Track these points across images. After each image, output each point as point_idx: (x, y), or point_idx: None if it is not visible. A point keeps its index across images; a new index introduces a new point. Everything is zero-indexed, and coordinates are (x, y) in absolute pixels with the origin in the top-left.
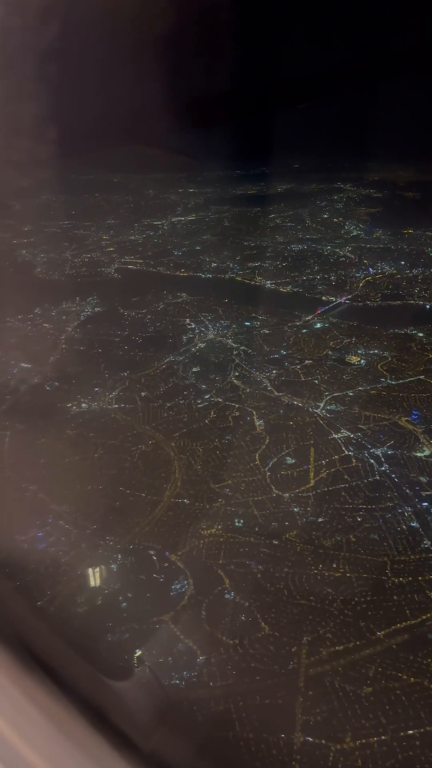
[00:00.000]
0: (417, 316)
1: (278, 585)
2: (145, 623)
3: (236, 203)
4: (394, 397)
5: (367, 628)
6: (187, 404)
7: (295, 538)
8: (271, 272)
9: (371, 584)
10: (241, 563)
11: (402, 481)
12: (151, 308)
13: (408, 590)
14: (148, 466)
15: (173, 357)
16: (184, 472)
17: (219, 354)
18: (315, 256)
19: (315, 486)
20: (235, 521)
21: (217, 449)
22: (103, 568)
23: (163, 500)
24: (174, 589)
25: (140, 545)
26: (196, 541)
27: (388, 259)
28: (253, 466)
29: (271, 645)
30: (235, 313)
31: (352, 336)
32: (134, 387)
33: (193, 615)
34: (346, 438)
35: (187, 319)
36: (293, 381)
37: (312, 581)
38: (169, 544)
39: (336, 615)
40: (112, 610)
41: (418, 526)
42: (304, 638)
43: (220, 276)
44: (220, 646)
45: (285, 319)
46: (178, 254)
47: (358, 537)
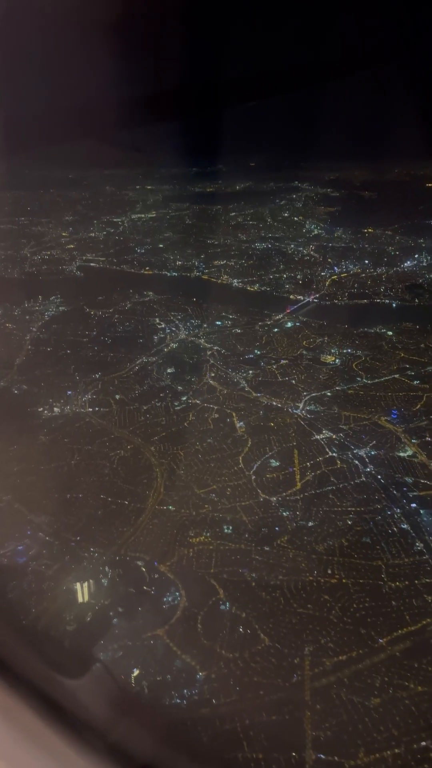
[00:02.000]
0: (384, 314)
1: (274, 593)
2: (138, 639)
3: (196, 201)
4: (371, 396)
5: (368, 636)
6: (164, 407)
7: (287, 544)
8: (237, 271)
9: (368, 590)
10: (234, 572)
11: (388, 481)
12: (118, 307)
13: (406, 595)
14: (129, 472)
15: (146, 358)
16: (166, 477)
17: (193, 354)
18: (279, 255)
19: (302, 489)
20: (224, 528)
21: (199, 453)
22: (90, 582)
23: (147, 508)
24: (166, 602)
25: (127, 556)
26: (185, 550)
27: (352, 258)
28: (237, 470)
29: (273, 657)
30: (205, 312)
31: (324, 335)
32: (108, 389)
33: (188, 629)
34: (329, 439)
35: (157, 318)
36: (270, 381)
37: (308, 588)
38: (157, 554)
39: (335, 623)
40: (103, 627)
41: (408, 528)
42: (305, 649)
43: (185, 274)
44: (220, 661)
45: (255, 318)
46: (141, 252)
47: (350, 541)
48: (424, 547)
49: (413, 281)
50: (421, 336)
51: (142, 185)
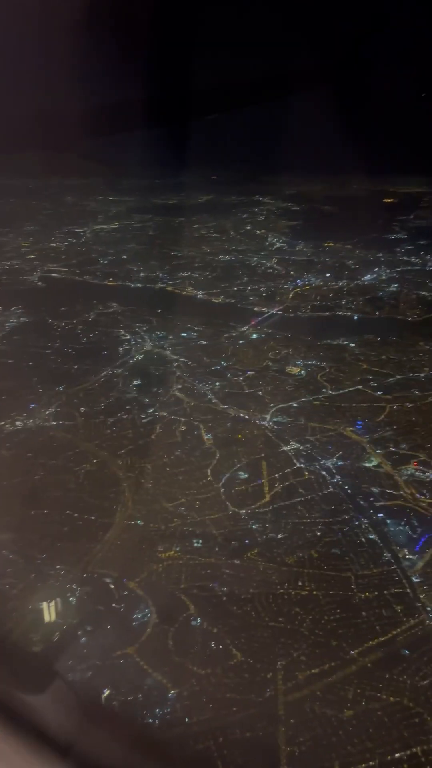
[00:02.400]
0: (347, 327)
1: (245, 607)
2: (108, 658)
3: (159, 212)
4: (337, 407)
5: (340, 648)
6: (130, 419)
7: (257, 557)
8: (201, 283)
9: (339, 601)
10: (205, 586)
11: (355, 492)
12: (82, 318)
13: (375, 605)
14: (96, 487)
15: (111, 370)
16: (134, 491)
17: (159, 366)
18: (243, 267)
19: (271, 501)
20: (194, 542)
21: (167, 466)
22: (57, 600)
23: (115, 523)
24: (136, 619)
25: (95, 573)
26: (155, 566)
27: (314, 271)
28: (206, 483)
29: (246, 672)
30: (170, 323)
31: (288, 347)
32: (72, 402)
33: (159, 646)
34: (296, 450)
35: (122, 329)
36: (237, 393)
37: (279, 601)
38: (125, 571)
39: (307, 636)
40: (71, 646)
41: (376, 538)
42: (278, 663)
43: (150, 286)
44: (192, 678)
45: (221, 329)
46: (104, 263)
47: (320, 552)
48: (392, 557)
49: (373, 294)
50: (382, 348)
51: (104, 196)
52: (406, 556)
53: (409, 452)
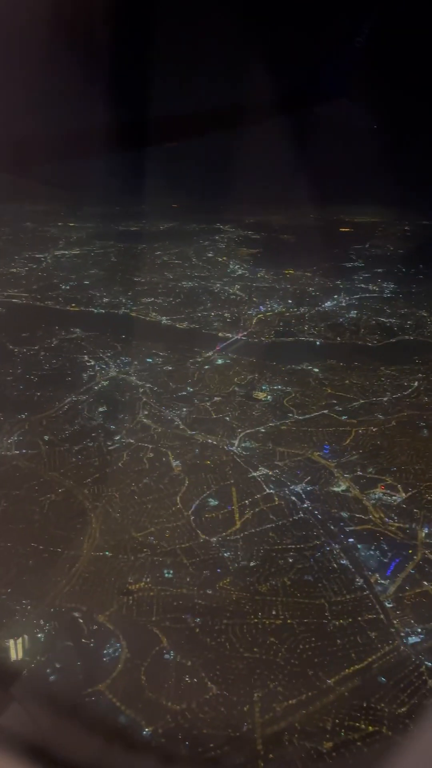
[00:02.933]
0: (310, 352)
1: (219, 639)
2: (78, 697)
3: (121, 239)
4: (303, 432)
5: (316, 677)
6: (96, 447)
7: (229, 586)
8: (165, 308)
9: (313, 629)
10: (177, 618)
11: (325, 517)
12: (44, 345)
13: (350, 632)
14: (61, 518)
15: (75, 396)
16: (101, 521)
17: (124, 392)
18: (206, 293)
19: (242, 528)
20: (164, 572)
21: (135, 494)
22: (24, 637)
23: (83, 554)
24: (107, 654)
25: (62, 608)
26: (125, 598)
27: (275, 298)
28: (175, 510)
29: (222, 706)
30: (134, 349)
31: (254, 372)
32: (36, 430)
33: (131, 682)
34: (265, 476)
35: (85, 355)
36: (205, 419)
37: (254, 631)
38: (94, 604)
39: (283, 666)
40: (40, 685)
41: (347, 563)
42: (254, 695)
43: (113, 311)
44: (167, 714)
45: (186, 355)
46: (66, 288)
47: (292, 580)
48: (364, 582)
49: (334, 320)
50: (345, 372)
51: (64, 222)
52: (378, 581)
53: (376, 476)
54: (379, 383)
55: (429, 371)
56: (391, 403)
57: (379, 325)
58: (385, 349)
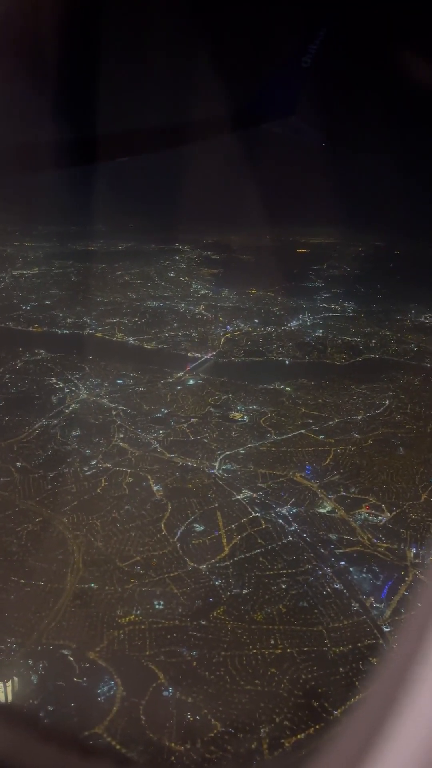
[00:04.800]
0: (279, 371)
1: (218, 671)
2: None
3: (79, 259)
4: (283, 452)
5: (322, 708)
6: (73, 472)
7: (223, 615)
8: (131, 328)
9: (314, 657)
10: (172, 651)
11: (314, 540)
12: (8, 366)
13: (351, 659)
14: (41, 548)
15: (46, 420)
16: (84, 551)
17: (97, 415)
18: (172, 313)
19: (231, 553)
20: (155, 603)
21: (117, 521)
22: (12, 679)
23: (66, 588)
24: (101, 693)
25: (50, 645)
26: (115, 632)
27: (241, 317)
28: (160, 537)
29: (228, 744)
30: (103, 370)
31: (227, 392)
32: (6, 456)
33: (130, 722)
34: (249, 498)
35: (53, 377)
36: (183, 441)
37: (253, 662)
38: (84, 640)
39: (287, 698)
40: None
41: (341, 587)
42: (261, 731)
43: (78, 332)
44: (171, 756)
45: (157, 376)
46: (27, 308)
47: (288, 607)
48: (360, 606)
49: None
50: (317, 391)
51: (20, 241)
52: (373, 605)
53: (359, 496)
54: (351, 402)
55: (398, 389)
56: (366, 421)
57: (345, 344)
58: (354, 367)
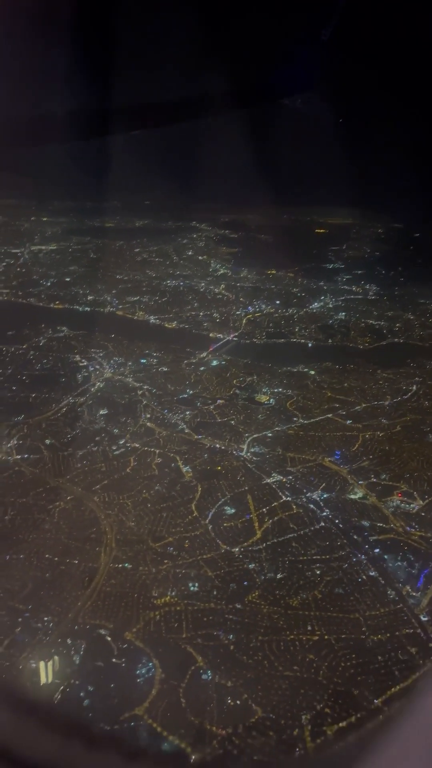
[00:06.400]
0: (303, 354)
1: (256, 656)
2: (116, 722)
3: (97, 235)
4: (311, 436)
5: (362, 697)
6: (102, 451)
7: (259, 600)
8: (152, 307)
9: (352, 645)
10: (209, 635)
11: (347, 526)
12: (32, 343)
13: (390, 648)
14: (73, 527)
15: (73, 398)
16: (116, 530)
17: (123, 394)
18: (192, 293)
19: (263, 537)
20: (189, 585)
21: (147, 501)
22: (53, 658)
23: (101, 567)
24: (140, 675)
25: (86, 625)
26: (151, 614)
27: (262, 298)
28: (192, 519)
29: (270, 730)
30: (126, 349)
31: (252, 374)
32: (35, 433)
33: (171, 704)
34: (279, 482)
35: (77, 355)
36: (210, 422)
37: (291, 648)
38: (120, 620)
39: (326, 685)
40: (74, 710)
41: (377, 575)
42: (302, 717)
43: (99, 309)
44: (213, 740)
45: (180, 356)
46: (48, 285)
47: (323, 593)
48: (396, 595)
49: (324, 322)
50: (342, 375)
51: (37, 216)
52: (410, 593)
53: (390, 483)
54: (378, 387)
55: (425, 375)
56: (393, 407)
57: (368, 328)
58: (378, 351)
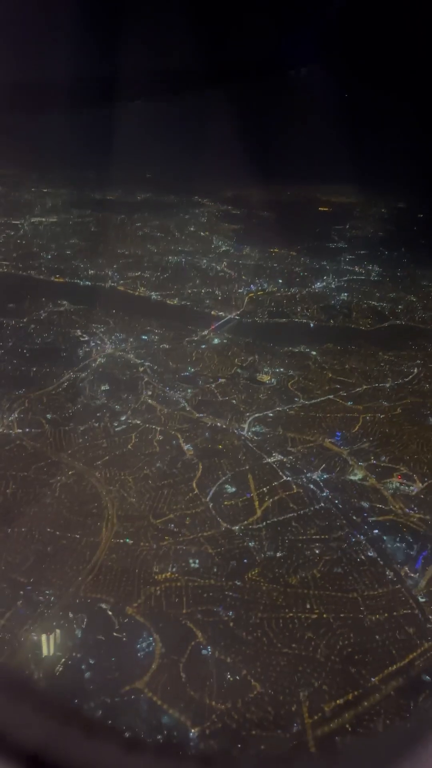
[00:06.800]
0: (305, 334)
1: (256, 633)
2: (117, 694)
3: (97, 208)
4: (312, 417)
5: (360, 675)
6: (103, 427)
7: (258, 577)
8: (153, 283)
9: (350, 624)
10: (209, 611)
11: (346, 507)
12: (33, 317)
13: (387, 628)
14: (75, 501)
15: (74, 373)
16: (117, 506)
17: (124, 370)
18: (194, 270)
19: (263, 516)
20: (190, 562)
21: (148, 478)
22: (54, 631)
23: (102, 542)
24: (141, 649)
25: (88, 598)
26: (152, 589)
27: (264, 277)
28: (193, 497)
29: (269, 706)
30: (128, 325)
31: (253, 353)
32: (36, 408)
33: (171, 679)
34: (280, 462)
35: (78, 330)
36: (211, 401)
37: (290, 626)
38: (121, 595)
39: (324, 663)
40: (76, 682)
41: (375, 556)
42: (300, 693)
43: (100, 284)
44: (213, 714)
45: (181, 333)
46: (48, 258)
47: (322, 572)
48: (395, 575)
49: (326, 303)
50: (343, 356)
51: (37, 187)
52: (408, 574)
53: (390, 465)
54: (379, 369)
55: (426, 358)
56: (394, 389)
57: (370, 309)
58: (380, 333)
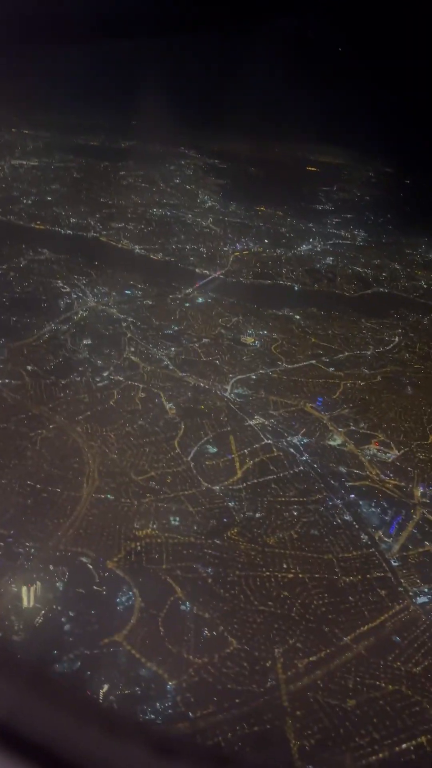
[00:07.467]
0: (289, 297)
1: (233, 590)
2: (96, 647)
3: (81, 153)
4: (294, 381)
5: (332, 634)
6: (85, 382)
7: (237, 537)
8: (137, 236)
9: (325, 585)
10: (188, 567)
11: (325, 471)
12: (12, 264)
13: (360, 589)
14: (56, 455)
15: (55, 325)
16: (99, 462)
17: (107, 325)
18: (179, 224)
19: (243, 477)
20: (171, 519)
21: (131, 435)
22: (35, 583)
23: (83, 496)
24: (120, 603)
25: (68, 552)
26: (132, 544)
27: (250, 236)
28: (174, 456)
29: (244, 661)
30: (110, 278)
31: (238, 314)
32: (17, 359)
33: (149, 633)
34: (262, 425)
35: (59, 281)
36: (194, 360)
37: (267, 584)
38: (102, 549)
39: (298, 621)
40: (55, 634)
41: (351, 519)
42: (275, 650)
43: (81, 234)
44: (190, 668)
45: (165, 290)
46: (28, 203)
47: (299, 533)
48: (369, 539)
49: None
50: (326, 322)
51: (18, 128)
52: (382, 538)
53: (368, 432)
54: (361, 336)
55: (407, 327)
56: (375, 357)
57: (354, 275)
58: (363, 300)
